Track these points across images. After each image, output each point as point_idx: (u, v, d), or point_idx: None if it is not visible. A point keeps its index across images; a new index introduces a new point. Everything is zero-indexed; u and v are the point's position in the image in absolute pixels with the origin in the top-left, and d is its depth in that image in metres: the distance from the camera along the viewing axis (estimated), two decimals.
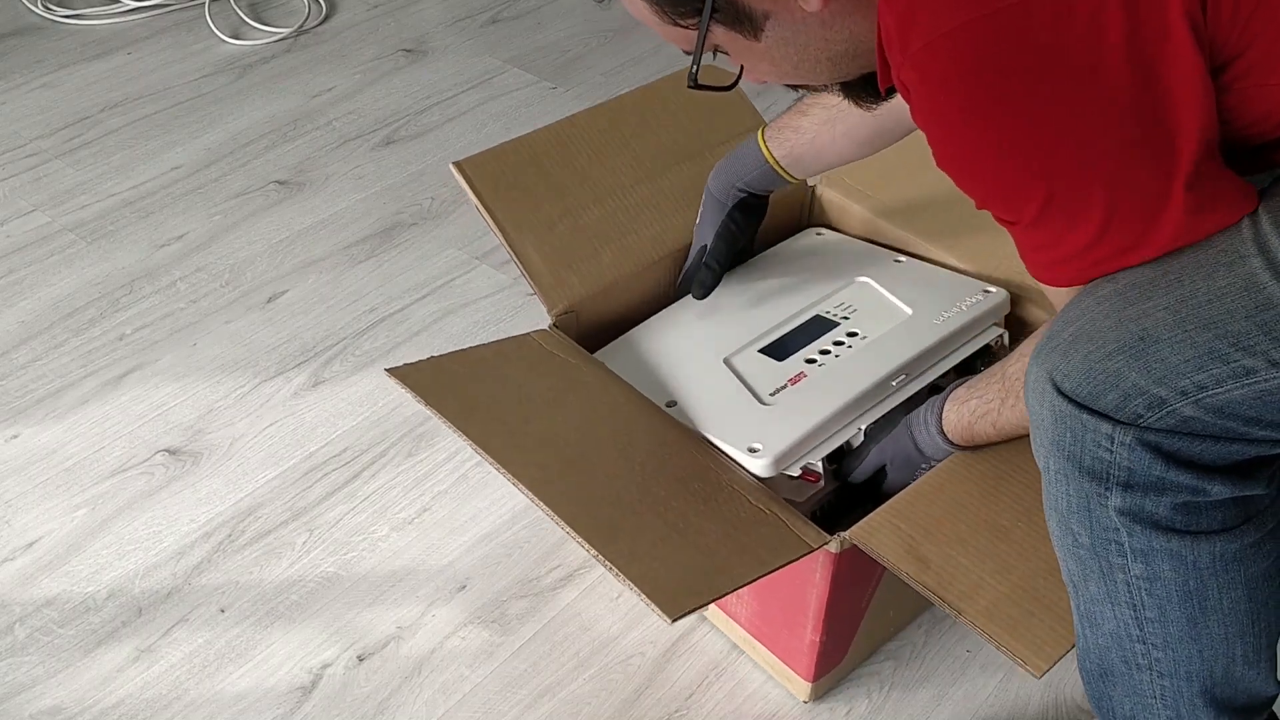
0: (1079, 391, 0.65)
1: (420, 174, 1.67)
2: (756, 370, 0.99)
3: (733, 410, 0.94)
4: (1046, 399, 0.67)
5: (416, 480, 1.22)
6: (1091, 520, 0.69)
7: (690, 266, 1.09)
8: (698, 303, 1.06)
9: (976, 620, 0.76)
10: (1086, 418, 0.65)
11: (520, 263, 1.02)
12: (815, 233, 1.18)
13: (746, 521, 0.83)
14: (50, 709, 1.02)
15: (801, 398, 0.95)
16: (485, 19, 2.07)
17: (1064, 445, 0.67)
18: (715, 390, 0.97)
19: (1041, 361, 0.68)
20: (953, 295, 1.04)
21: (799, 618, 0.94)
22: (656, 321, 1.07)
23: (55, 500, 1.20)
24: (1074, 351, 0.66)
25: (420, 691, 1.03)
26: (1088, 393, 0.65)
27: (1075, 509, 0.69)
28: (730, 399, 0.96)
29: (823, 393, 0.95)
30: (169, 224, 1.58)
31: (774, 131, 1.01)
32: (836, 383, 0.96)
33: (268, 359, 1.37)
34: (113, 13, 2.04)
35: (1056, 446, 0.68)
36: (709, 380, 0.98)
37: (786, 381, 0.97)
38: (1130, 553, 0.69)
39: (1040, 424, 0.69)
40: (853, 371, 0.97)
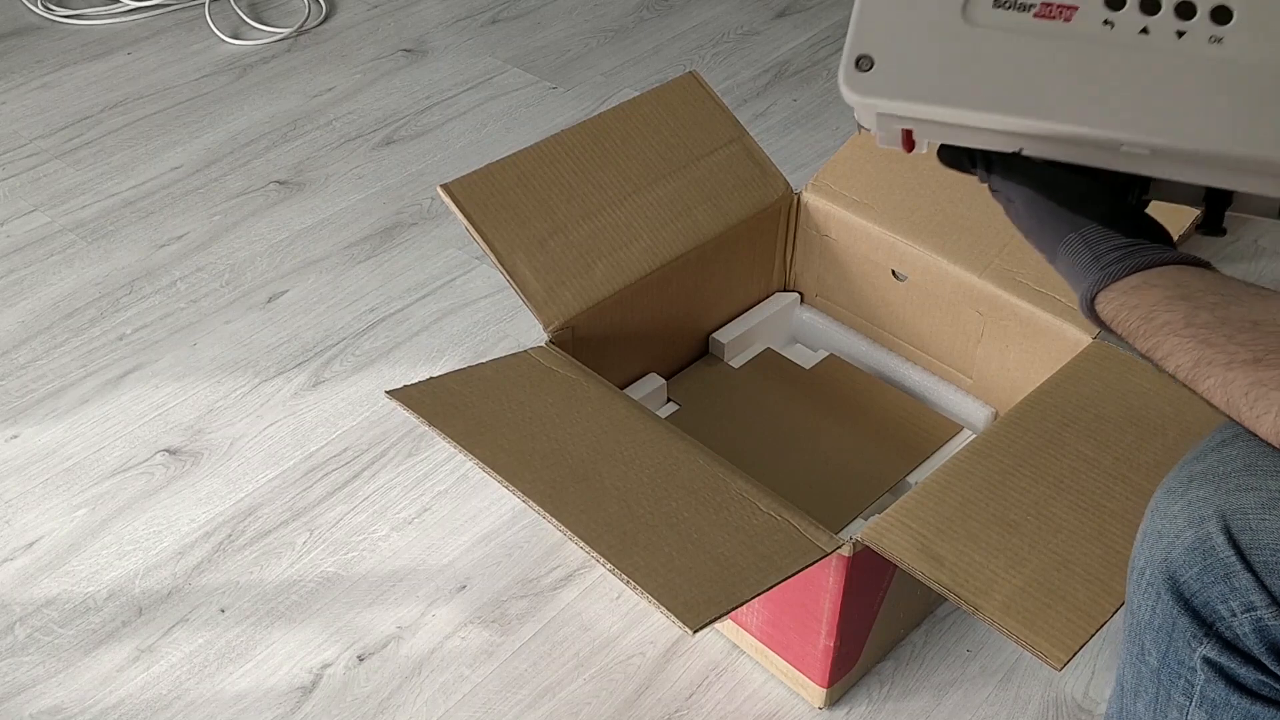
0: (1247, 542, 0.54)
1: (420, 174, 1.67)
2: None
3: (911, 7, 0.61)
4: (1198, 521, 0.56)
5: (416, 480, 1.22)
6: (1171, 648, 0.61)
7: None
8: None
9: (994, 616, 0.76)
10: (1238, 572, 0.55)
11: (514, 281, 1.03)
12: None
13: (759, 529, 0.83)
14: (50, 709, 1.02)
15: (1019, 45, 0.60)
16: (485, 19, 2.07)
17: (1181, 571, 0.57)
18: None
19: (1211, 484, 0.55)
20: None
21: (812, 624, 0.94)
22: None
23: (55, 500, 1.20)
24: (1276, 507, 0.53)
25: (420, 691, 1.03)
26: (1262, 557, 0.54)
27: (1158, 629, 0.61)
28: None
29: (1047, 66, 0.59)
30: (169, 224, 1.58)
31: None
32: (1085, 72, 0.59)
33: (268, 359, 1.37)
34: (113, 13, 2.04)
35: (1170, 566, 0.58)
36: None
37: (1056, 10, 0.60)
38: (1199, 698, 0.61)
39: (1165, 530, 0.58)
40: (1124, 74, 0.59)
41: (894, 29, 0.59)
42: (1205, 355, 0.55)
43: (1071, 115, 0.57)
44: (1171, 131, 0.56)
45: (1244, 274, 1.48)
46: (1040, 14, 0.58)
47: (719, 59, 1.95)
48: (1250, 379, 0.53)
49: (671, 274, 1.11)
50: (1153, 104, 0.56)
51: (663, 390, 1.20)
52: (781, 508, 0.85)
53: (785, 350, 1.27)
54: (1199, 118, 0.55)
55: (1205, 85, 0.56)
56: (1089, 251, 0.61)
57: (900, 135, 0.63)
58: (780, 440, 1.16)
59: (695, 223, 1.13)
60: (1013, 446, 0.89)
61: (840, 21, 2.05)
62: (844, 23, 2.03)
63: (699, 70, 1.79)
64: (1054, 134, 0.59)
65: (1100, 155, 0.59)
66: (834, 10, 2.08)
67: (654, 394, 1.19)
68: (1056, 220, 0.62)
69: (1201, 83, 0.56)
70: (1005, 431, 0.90)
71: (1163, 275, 0.58)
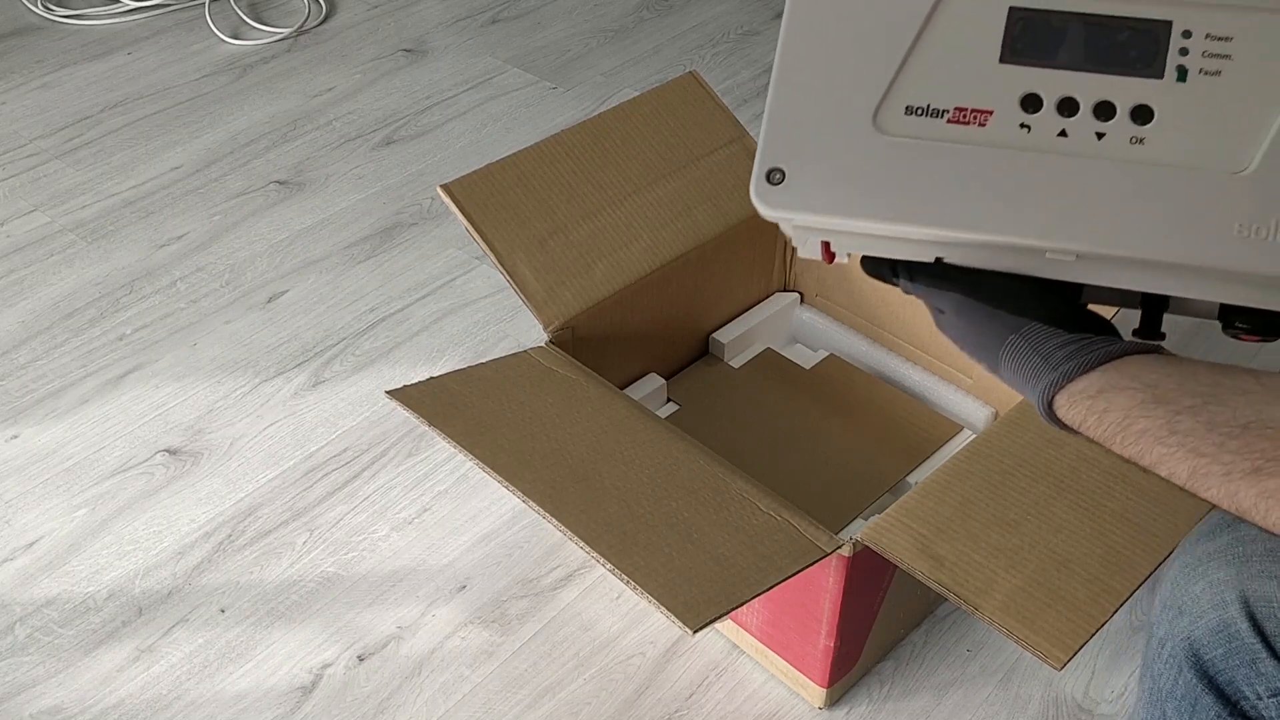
0: (1273, 630, 0.54)
1: (420, 174, 1.67)
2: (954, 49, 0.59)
3: (820, 118, 0.59)
4: (1221, 605, 0.55)
5: (416, 480, 1.22)
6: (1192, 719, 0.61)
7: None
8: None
9: (994, 616, 0.76)
10: (1264, 658, 0.54)
11: (514, 281, 1.03)
12: None
13: (759, 529, 0.83)
14: (50, 709, 1.02)
15: (933, 152, 0.58)
16: (485, 19, 2.07)
17: (1206, 651, 0.57)
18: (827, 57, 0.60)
19: (1233, 566, 0.55)
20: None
21: (812, 624, 0.94)
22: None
23: (55, 500, 1.20)
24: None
25: (420, 691, 1.03)
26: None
27: (1180, 699, 0.60)
28: (837, 87, 0.59)
29: (962, 173, 0.57)
30: (169, 224, 1.58)
31: None
32: (1002, 177, 0.57)
33: (268, 359, 1.37)
34: (113, 13, 2.04)
35: (1193, 645, 0.57)
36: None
37: (970, 115, 0.58)
38: None
39: (1186, 608, 0.57)
40: (1047, 178, 0.57)
41: (804, 139, 0.58)
42: (1199, 466, 0.51)
43: (989, 223, 0.55)
44: (1094, 237, 0.54)
45: None
46: (954, 119, 0.57)
47: (719, 59, 1.95)
48: (1255, 491, 0.49)
49: (671, 274, 1.11)
50: (1074, 208, 0.55)
51: (663, 390, 1.20)
52: (781, 508, 0.85)
53: (785, 350, 1.27)
54: (1122, 222, 0.54)
55: (1128, 188, 0.54)
56: (1035, 354, 0.56)
57: (820, 246, 0.61)
58: (780, 440, 1.16)
59: (695, 223, 1.13)
60: (1013, 446, 0.88)
61: None
62: None
63: (699, 70, 1.79)
64: (972, 242, 0.57)
65: (1024, 261, 0.57)
66: None
67: (654, 394, 1.19)
68: (993, 323, 0.58)
69: (1124, 185, 0.54)
70: (1005, 431, 0.90)
71: (1123, 373, 0.54)
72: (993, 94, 0.56)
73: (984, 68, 0.56)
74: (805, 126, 0.58)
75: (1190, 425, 0.51)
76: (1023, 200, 0.55)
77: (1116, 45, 0.55)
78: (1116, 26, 0.55)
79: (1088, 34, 0.56)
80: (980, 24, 0.57)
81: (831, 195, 0.57)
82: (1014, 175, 0.55)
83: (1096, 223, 0.54)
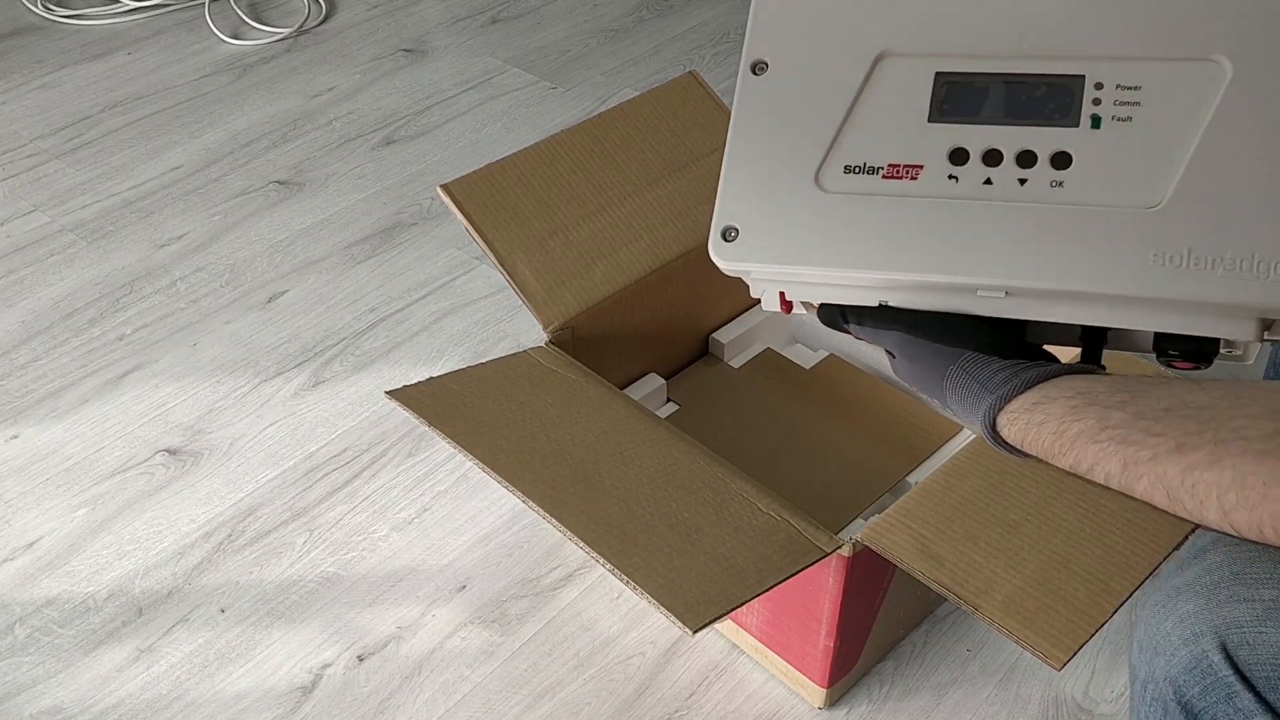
0: (1245, 658, 0.53)
1: (420, 174, 1.67)
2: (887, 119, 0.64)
3: (769, 179, 0.65)
4: (1192, 639, 0.55)
5: (416, 480, 1.22)
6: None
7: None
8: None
9: (994, 616, 0.76)
10: (1239, 692, 0.53)
11: (514, 281, 1.03)
12: None
13: (759, 529, 0.83)
14: (50, 709, 1.02)
15: (871, 205, 0.62)
16: (485, 19, 2.07)
17: (1185, 689, 0.55)
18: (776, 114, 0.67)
19: (1201, 596, 0.54)
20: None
21: (812, 624, 0.94)
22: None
23: (55, 500, 1.20)
24: (1271, 619, 0.52)
25: (420, 691, 1.03)
26: (1263, 673, 0.53)
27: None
28: (782, 145, 0.65)
29: (897, 222, 0.62)
30: (169, 224, 1.58)
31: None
32: (934, 223, 0.62)
33: (268, 359, 1.37)
34: (113, 13, 2.04)
35: (1174, 685, 0.56)
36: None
37: (903, 170, 0.63)
38: None
39: (1160, 647, 0.57)
40: (975, 223, 0.61)
41: (755, 201, 0.63)
42: (1129, 455, 0.52)
43: (923, 264, 0.60)
44: (1020, 272, 0.58)
45: None
46: (888, 175, 0.61)
47: (719, 59, 1.95)
48: (1180, 467, 0.50)
49: (671, 274, 1.11)
50: (1000, 247, 0.58)
51: (663, 390, 1.20)
52: (781, 508, 0.85)
53: (785, 350, 1.27)
54: (1046, 257, 0.58)
55: (1050, 227, 0.58)
56: (974, 381, 0.59)
57: (777, 297, 0.67)
58: (780, 440, 1.16)
59: (695, 223, 1.13)
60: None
61: None
62: None
63: (699, 70, 1.79)
64: (910, 283, 0.61)
65: (959, 301, 0.61)
66: None
67: (654, 394, 1.19)
68: (934, 358, 0.61)
69: (1046, 225, 0.58)
70: None
71: (1058, 386, 0.56)
72: (923, 150, 0.61)
73: (914, 127, 0.62)
74: (755, 189, 0.64)
75: (1119, 418, 0.53)
76: (952, 243, 0.59)
77: (1035, 100, 0.60)
78: (1034, 83, 0.60)
79: (1008, 92, 0.61)
80: (909, 89, 0.62)
81: (780, 247, 0.63)
82: (944, 221, 0.60)
83: (1021, 259, 0.58)
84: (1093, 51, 0.60)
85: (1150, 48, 0.59)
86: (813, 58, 0.65)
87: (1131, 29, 0.59)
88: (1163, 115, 0.58)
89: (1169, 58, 0.58)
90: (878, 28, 0.63)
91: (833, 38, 0.64)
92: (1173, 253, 0.56)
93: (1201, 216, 0.56)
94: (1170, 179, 0.57)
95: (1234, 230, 0.55)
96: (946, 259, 0.60)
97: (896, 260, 0.60)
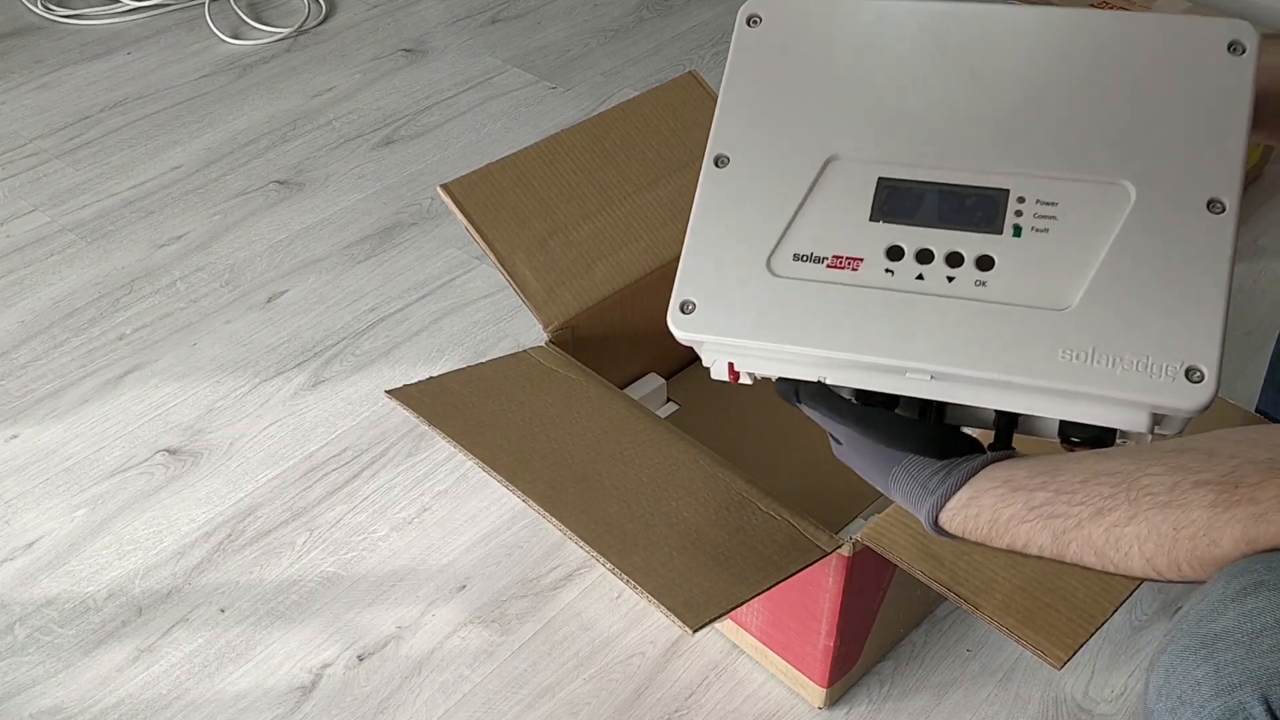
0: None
1: (420, 174, 1.67)
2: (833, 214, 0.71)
3: (724, 260, 0.72)
4: (1228, 689, 0.52)
5: (416, 480, 1.22)
6: None
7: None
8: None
9: (994, 615, 0.76)
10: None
11: (514, 281, 1.03)
12: None
13: (759, 529, 0.83)
14: (50, 709, 1.02)
15: (815, 290, 0.69)
16: (485, 19, 2.07)
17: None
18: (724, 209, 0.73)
19: (1242, 645, 0.52)
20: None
21: (812, 624, 0.94)
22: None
23: (55, 500, 1.20)
24: None
25: (420, 691, 1.03)
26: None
27: None
28: (736, 233, 0.72)
29: (838, 307, 0.69)
30: (169, 224, 1.58)
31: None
32: (870, 310, 0.68)
33: (268, 359, 1.37)
34: (113, 13, 2.04)
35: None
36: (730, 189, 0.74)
37: (845, 262, 0.69)
38: None
39: (1187, 698, 0.53)
40: (907, 315, 0.67)
41: (711, 279, 0.71)
42: (1057, 526, 0.60)
43: (858, 346, 0.67)
44: (945, 358, 0.65)
45: (1243, 274, 1.48)
46: (832, 265, 0.69)
47: (719, 59, 1.94)
48: (1102, 527, 0.58)
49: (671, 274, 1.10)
50: (928, 335, 0.66)
51: (663, 390, 1.20)
52: (781, 508, 0.85)
53: None
54: (968, 346, 0.65)
55: (973, 320, 0.66)
56: (914, 481, 0.67)
57: (726, 367, 0.73)
58: (780, 440, 1.16)
59: None
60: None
61: None
62: None
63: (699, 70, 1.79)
64: (846, 361, 0.68)
65: (890, 381, 0.68)
66: None
67: (654, 394, 1.19)
68: (879, 456, 0.69)
69: (970, 318, 0.66)
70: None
71: (986, 478, 0.64)
72: (864, 245, 0.69)
73: (857, 224, 0.69)
74: (712, 270, 0.71)
75: (1043, 497, 0.61)
76: (886, 329, 0.67)
77: (965, 208, 0.68)
78: (965, 193, 0.68)
79: (941, 199, 0.69)
80: (854, 190, 0.70)
81: (732, 322, 0.70)
82: (880, 309, 0.67)
83: (947, 348, 0.65)
84: (1017, 168, 0.68)
85: (1067, 169, 0.67)
86: (770, 156, 0.73)
87: (1051, 151, 0.68)
88: (1075, 229, 0.66)
89: (1082, 179, 0.67)
90: (828, 134, 0.71)
91: (788, 140, 0.72)
92: (1079, 351, 0.63)
93: (1105, 321, 0.64)
94: (1079, 286, 0.65)
95: (1133, 335, 0.63)
96: (880, 343, 0.67)
97: (835, 340, 0.67)
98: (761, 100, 0.74)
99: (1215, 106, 0.66)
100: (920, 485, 0.67)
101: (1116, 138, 0.67)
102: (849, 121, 0.72)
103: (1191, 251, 0.64)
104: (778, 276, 0.70)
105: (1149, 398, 0.63)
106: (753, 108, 0.75)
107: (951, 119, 0.70)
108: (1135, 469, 0.59)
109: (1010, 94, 0.69)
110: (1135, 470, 0.59)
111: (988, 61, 0.70)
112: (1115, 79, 0.68)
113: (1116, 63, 0.68)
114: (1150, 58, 0.68)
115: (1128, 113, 0.67)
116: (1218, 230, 0.64)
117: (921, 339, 0.66)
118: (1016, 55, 0.70)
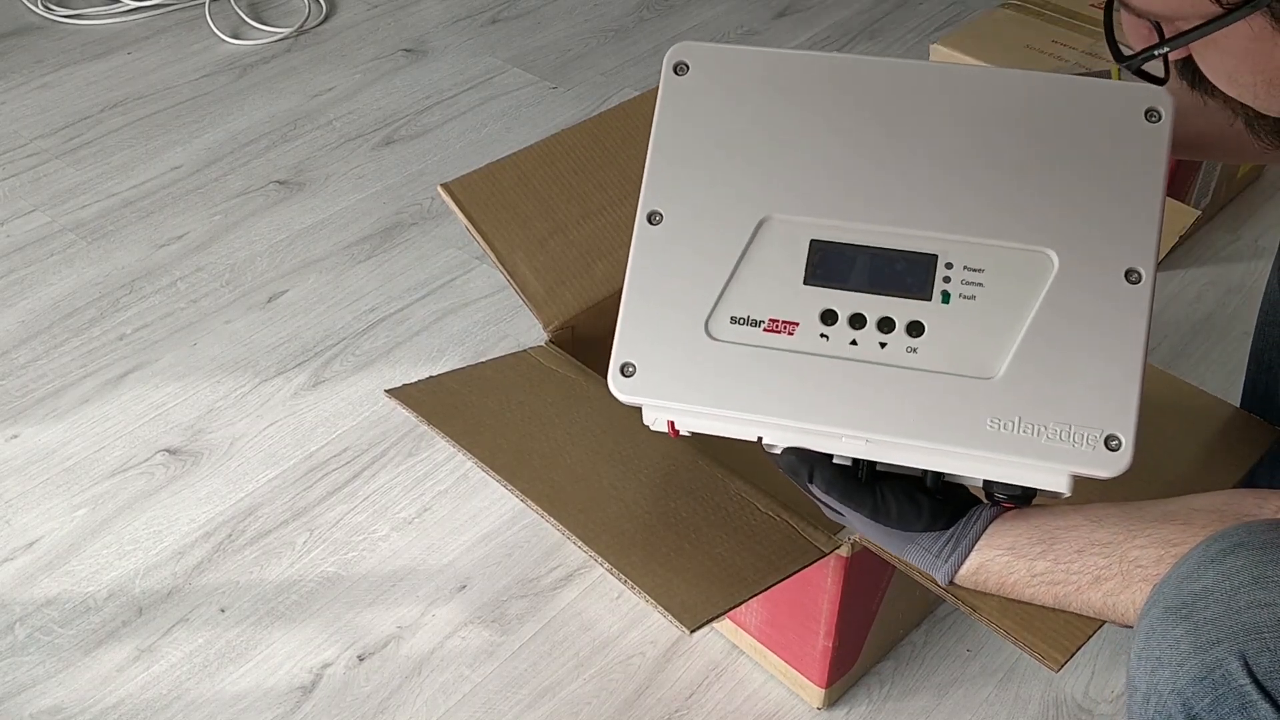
0: (1265, 667, 0.51)
1: (420, 174, 1.67)
2: (774, 277, 0.72)
3: (662, 323, 0.72)
4: (1206, 646, 0.53)
5: (416, 480, 1.22)
6: None
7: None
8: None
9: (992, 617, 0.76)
10: (1255, 701, 0.51)
11: (514, 281, 1.03)
12: None
13: (758, 529, 0.83)
14: (50, 709, 1.02)
15: (752, 354, 0.71)
16: (485, 19, 2.07)
17: (1194, 702, 0.54)
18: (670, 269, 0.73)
19: (1220, 603, 0.54)
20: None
21: (811, 624, 0.94)
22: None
23: (55, 500, 1.20)
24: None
25: (420, 691, 1.03)
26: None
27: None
28: (677, 303, 0.72)
29: (775, 372, 0.70)
30: (169, 224, 1.58)
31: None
32: (805, 374, 0.70)
33: (268, 359, 1.37)
34: (113, 13, 2.04)
35: (1181, 697, 0.54)
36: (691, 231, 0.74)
37: (781, 325, 0.71)
38: None
39: (1166, 657, 0.56)
40: (840, 381, 0.70)
41: (649, 342, 0.72)
42: (1058, 592, 0.69)
43: (795, 412, 0.69)
44: (876, 426, 0.68)
45: (1244, 274, 1.48)
46: (769, 329, 0.70)
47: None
48: (1100, 594, 0.67)
49: None
50: (861, 402, 0.68)
51: None
52: (780, 508, 0.85)
53: None
54: (899, 414, 0.67)
55: (904, 388, 0.68)
56: (927, 554, 0.72)
57: (668, 424, 0.74)
58: None
59: None
60: None
61: (840, 21, 2.05)
62: (844, 22, 2.03)
63: None
64: (782, 426, 0.71)
65: (827, 442, 0.71)
66: (834, 10, 2.08)
67: None
68: (890, 536, 0.73)
69: (901, 386, 0.68)
70: None
71: (991, 546, 0.70)
72: (798, 309, 0.70)
73: (791, 287, 0.70)
74: (650, 332, 0.72)
75: (1043, 567, 0.68)
76: (821, 394, 0.69)
77: (895, 273, 0.69)
78: (895, 258, 0.70)
79: (872, 263, 0.70)
80: (788, 252, 0.71)
81: (672, 387, 0.71)
82: (815, 375, 0.69)
83: (878, 414, 0.68)
84: (944, 232, 0.69)
85: (992, 234, 0.68)
86: (703, 215, 0.73)
87: (976, 215, 0.69)
88: (1001, 297, 0.68)
89: (1007, 245, 0.68)
90: (760, 193, 0.72)
91: (721, 199, 0.72)
92: (1006, 420, 0.66)
93: (1029, 390, 0.66)
94: (1005, 355, 0.67)
95: (1055, 405, 0.66)
96: (818, 410, 0.69)
97: (774, 407, 0.69)
98: (692, 155, 0.75)
99: (1132, 174, 0.68)
100: (933, 557, 0.72)
101: (1039, 203, 0.68)
102: (779, 179, 0.72)
103: (1110, 321, 0.66)
104: (716, 340, 0.71)
105: (1071, 466, 0.66)
106: (684, 162, 0.75)
107: (879, 177, 0.71)
108: (1125, 539, 0.66)
109: (935, 151, 0.70)
110: (1125, 541, 0.66)
111: (912, 118, 0.71)
112: (1037, 142, 0.69)
113: (1037, 125, 0.70)
114: (1070, 123, 0.69)
115: (1049, 177, 0.69)
116: (1134, 300, 0.66)
117: (857, 407, 0.68)
118: (939, 112, 0.71)
